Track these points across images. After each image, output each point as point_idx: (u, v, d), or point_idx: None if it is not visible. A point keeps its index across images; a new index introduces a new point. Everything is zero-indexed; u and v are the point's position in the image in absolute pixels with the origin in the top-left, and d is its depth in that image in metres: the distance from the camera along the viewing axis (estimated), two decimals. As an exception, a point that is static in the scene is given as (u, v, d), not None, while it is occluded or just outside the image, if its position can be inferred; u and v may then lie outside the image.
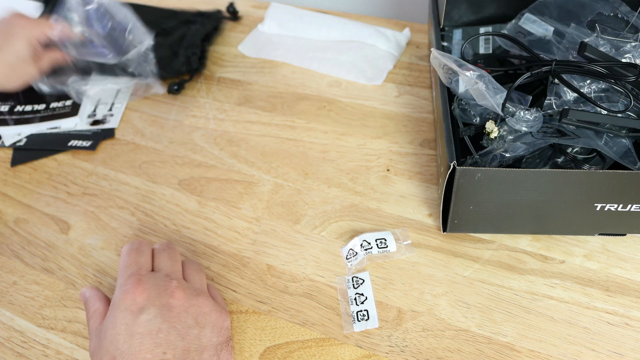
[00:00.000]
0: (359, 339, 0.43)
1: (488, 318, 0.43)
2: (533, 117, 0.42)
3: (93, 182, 0.58)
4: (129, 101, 0.67)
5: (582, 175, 0.40)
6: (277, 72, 0.69)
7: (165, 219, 0.53)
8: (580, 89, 0.43)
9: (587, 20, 0.48)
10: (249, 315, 0.45)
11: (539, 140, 0.42)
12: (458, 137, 0.46)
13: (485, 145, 0.45)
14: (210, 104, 0.66)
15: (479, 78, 0.43)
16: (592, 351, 0.41)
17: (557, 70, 0.44)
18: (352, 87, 0.66)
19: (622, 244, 0.47)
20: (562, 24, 0.51)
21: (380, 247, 0.47)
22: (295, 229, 0.51)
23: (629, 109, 0.42)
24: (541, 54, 0.49)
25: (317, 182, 0.55)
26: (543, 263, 0.46)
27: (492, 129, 0.45)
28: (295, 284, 0.47)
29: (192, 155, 0.59)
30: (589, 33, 0.47)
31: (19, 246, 0.52)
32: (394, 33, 0.71)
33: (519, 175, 0.41)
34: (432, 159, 0.56)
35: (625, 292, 0.44)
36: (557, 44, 0.50)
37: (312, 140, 0.59)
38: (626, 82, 0.42)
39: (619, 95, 0.43)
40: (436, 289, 0.45)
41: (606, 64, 0.43)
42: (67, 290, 0.48)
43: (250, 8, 0.82)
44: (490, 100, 0.43)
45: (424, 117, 0.61)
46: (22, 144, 0.63)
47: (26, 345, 0.45)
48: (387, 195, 0.53)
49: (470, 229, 0.48)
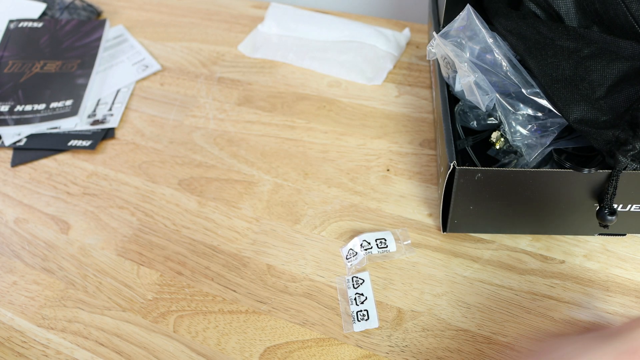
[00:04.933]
0: (359, 339, 0.43)
1: (488, 318, 0.43)
2: (527, 129, 0.43)
3: (93, 182, 0.58)
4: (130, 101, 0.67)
5: (582, 175, 0.40)
6: (277, 72, 0.69)
7: (165, 219, 0.53)
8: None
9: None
10: (249, 315, 0.45)
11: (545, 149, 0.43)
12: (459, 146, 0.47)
13: (498, 158, 0.46)
14: (210, 104, 0.66)
15: (472, 72, 0.43)
16: (592, 351, 0.41)
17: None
18: (352, 87, 0.66)
19: (622, 244, 0.47)
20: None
21: (380, 247, 0.47)
22: (295, 229, 0.51)
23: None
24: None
25: (317, 182, 0.55)
26: (543, 263, 0.46)
27: (498, 138, 0.45)
28: (295, 284, 0.47)
29: (192, 155, 0.59)
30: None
31: (19, 246, 0.52)
32: (394, 33, 0.71)
33: (519, 175, 0.41)
34: (432, 159, 0.56)
35: (625, 292, 0.44)
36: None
37: (312, 140, 0.59)
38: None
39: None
40: (436, 289, 0.45)
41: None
42: (67, 290, 0.48)
43: (250, 8, 0.82)
44: (477, 97, 0.43)
45: (424, 117, 0.61)
46: (22, 144, 0.63)
47: (26, 345, 0.45)
48: (387, 195, 0.53)
49: (470, 229, 0.48)
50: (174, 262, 0.50)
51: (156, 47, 0.75)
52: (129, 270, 0.49)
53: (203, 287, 0.47)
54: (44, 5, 0.83)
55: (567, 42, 0.42)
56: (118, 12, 0.83)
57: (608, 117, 0.39)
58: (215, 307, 0.46)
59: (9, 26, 0.78)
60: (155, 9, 0.83)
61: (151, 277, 0.49)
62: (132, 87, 0.69)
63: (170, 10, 0.83)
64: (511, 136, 0.44)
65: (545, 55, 0.42)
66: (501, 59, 0.44)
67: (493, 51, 0.44)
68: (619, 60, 0.40)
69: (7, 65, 0.72)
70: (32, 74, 0.71)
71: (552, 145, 0.43)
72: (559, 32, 0.42)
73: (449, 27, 0.46)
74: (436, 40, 0.46)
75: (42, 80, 0.70)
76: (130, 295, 0.47)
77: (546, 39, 0.43)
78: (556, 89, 0.41)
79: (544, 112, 0.43)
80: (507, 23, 0.45)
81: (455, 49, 0.45)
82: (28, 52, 0.74)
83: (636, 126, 0.37)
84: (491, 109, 0.45)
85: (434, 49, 0.47)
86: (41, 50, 0.74)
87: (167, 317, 0.46)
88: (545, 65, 0.42)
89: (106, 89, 0.69)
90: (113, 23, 0.81)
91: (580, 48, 0.41)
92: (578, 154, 0.43)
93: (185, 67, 0.72)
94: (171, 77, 0.70)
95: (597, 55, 0.41)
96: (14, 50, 0.74)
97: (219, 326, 0.45)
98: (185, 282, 0.48)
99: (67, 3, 0.82)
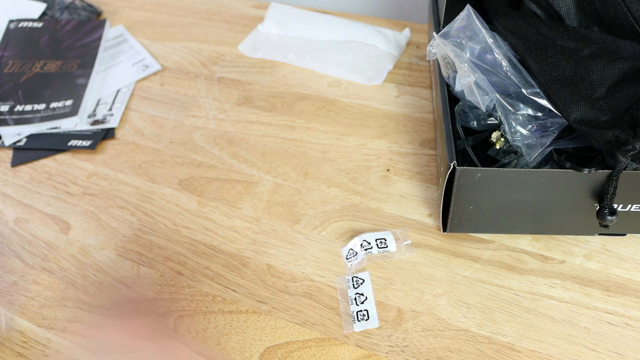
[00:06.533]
0: (359, 339, 0.43)
1: (488, 318, 0.43)
2: (527, 129, 0.43)
3: (93, 182, 0.58)
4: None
5: (582, 175, 0.40)
6: (277, 72, 0.69)
7: (165, 219, 0.53)
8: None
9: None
10: (249, 315, 0.45)
11: (545, 150, 0.42)
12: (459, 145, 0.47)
13: (498, 158, 0.45)
14: (210, 104, 0.66)
15: (472, 73, 0.43)
16: (592, 351, 0.41)
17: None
18: (352, 87, 0.66)
19: (622, 244, 0.47)
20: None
21: (380, 247, 0.47)
22: (295, 229, 0.51)
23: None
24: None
25: (317, 182, 0.55)
26: (543, 263, 0.46)
27: (498, 138, 0.45)
28: (295, 284, 0.47)
29: (192, 155, 0.59)
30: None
31: (19, 246, 0.52)
32: (394, 33, 0.71)
33: (519, 175, 0.41)
34: (432, 159, 0.56)
35: (625, 292, 0.44)
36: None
37: (312, 140, 0.59)
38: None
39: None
40: (436, 289, 0.45)
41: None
42: (67, 290, 0.48)
43: (250, 8, 0.82)
44: (477, 97, 0.43)
45: (424, 117, 0.61)
46: (22, 144, 0.63)
47: (26, 345, 0.45)
48: (387, 195, 0.53)
49: (470, 229, 0.48)
50: (174, 262, 0.50)
51: (156, 47, 0.75)
52: (129, 270, 0.49)
53: (203, 287, 0.47)
54: (44, 5, 0.83)
55: (568, 42, 0.42)
56: (118, 12, 0.83)
57: (608, 117, 0.39)
58: (216, 307, 0.46)
59: (9, 26, 0.78)
60: (155, 9, 0.83)
61: (151, 277, 0.49)
62: (132, 87, 0.69)
63: (170, 10, 0.83)
64: (511, 136, 0.44)
65: (545, 55, 0.42)
66: (501, 59, 0.44)
67: (493, 51, 0.44)
68: (619, 60, 0.40)
69: (7, 65, 0.72)
70: (32, 74, 0.71)
71: (552, 145, 0.43)
72: (559, 32, 0.42)
73: (449, 27, 0.46)
74: (436, 41, 0.46)
75: (42, 80, 0.70)
76: (130, 296, 0.47)
77: (546, 38, 0.43)
78: (556, 88, 0.41)
79: (544, 112, 0.43)
80: (507, 23, 0.45)
81: (455, 49, 0.45)
82: (28, 52, 0.74)
83: (636, 126, 0.37)
84: (491, 109, 0.45)
85: (434, 49, 0.47)
86: (41, 50, 0.74)
87: (167, 317, 0.46)
88: (545, 65, 0.42)
89: (106, 89, 0.69)
90: (113, 23, 0.81)
91: (581, 48, 0.41)
92: (578, 154, 0.43)
93: (185, 67, 0.72)
94: (171, 77, 0.70)
95: (598, 55, 0.41)
96: (14, 50, 0.74)
97: (219, 326, 0.45)
98: (185, 282, 0.48)
99: (67, 3, 0.82)
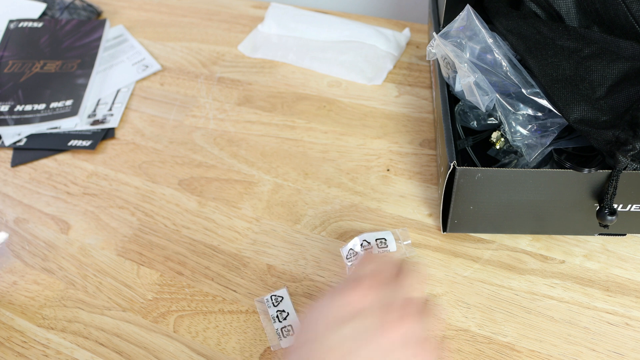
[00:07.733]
0: (359, 339, 0.43)
1: (488, 318, 0.43)
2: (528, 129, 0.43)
3: (93, 182, 0.58)
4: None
5: (582, 175, 0.40)
6: (277, 72, 0.69)
7: (165, 219, 0.53)
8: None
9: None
10: (249, 315, 0.45)
11: (545, 149, 0.42)
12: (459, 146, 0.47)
13: (498, 158, 0.45)
14: (210, 104, 0.66)
15: (472, 73, 0.43)
16: (592, 351, 0.41)
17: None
18: (352, 87, 0.66)
19: (622, 244, 0.47)
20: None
21: (380, 247, 0.47)
22: (295, 229, 0.51)
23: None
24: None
25: (317, 182, 0.55)
26: (543, 263, 0.46)
27: (498, 138, 0.45)
28: (295, 284, 0.47)
29: (192, 155, 0.59)
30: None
31: (19, 246, 0.52)
32: (394, 33, 0.71)
33: (519, 175, 0.41)
34: (432, 159, 0.56)
35: (625, 292, 0.44)
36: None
37: (312, 140, 0.59)
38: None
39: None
40: (436, 289, 0.45)
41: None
42: (67, 290, 0.48)
43: (250, 8, 0.82)
44: (477, 97, 0.43)
45: (424, 117, 0.61)
46: (22, 144, 0.63)
47: (26, 345, 0.45)
48: (387, 195, 0.53)
49: (470, 229, 0.48)
50: (174, 262, 0.50)
51: (156, 47, 0.75)
52: (129, 270, 0.49)
53: (203, 287, 0.47)
54: (44, 5, 0.83)
55: (568, 42, 0.42)
56: (118, 12, 0.83)
57: (608, 117, 0.39)
58: (216, 307, 0.46)
59: (9, 26, 0.78)
60: (155, 9, 0.83)
61: (151, 277, 0.49)
62: (132, 87, 0.69)
63: (170, 10, 0.83)
64: (511, 136, 0.44)
65: (545, 55, 0.42)
66: (501, 59, 0.44)
67: (493, 51, 0.44)
68: (620, 61, 0.40)
69: (7, 65, 0.72)
70: (32, 74, 0.71)
71: (552, 145, 0.43)
72: (559, 32, 0.42)
73: (449, 27, 0.46)
74: (436, 41, 0.46)
75: (42, 80, 0.70)
76: (130, 295, 0.47)
77: (547, 38, 0.43)
78: (556, 89, 0.41)
79: (544, 112, 0.43)
80: (508, 23, 0.45)
81: (455, 49, 0.45)
82: (28, 52, 0.74)
83: (636, 126, 0.37)
84: (491, 109, 0.45)
85: (434, 49, 0.47)
86: (41, 50, 0.74)
87: (167, 317, 0.46)
88: (545, 65, 0.42)
89: (106, 89, 0.69)
90: (113, 23, 0.81)
91: (581, 48, 0.41)
92: (578, 154, 0.43)
93: (185, 67, 0.72)
94: (171, 77, 0.70)
95: (598, 55, 0.41)
96: (14, 50, 0.74)
97: (219, 326, 0.45)
98: (186, 282, 0.48)
99: (67, 3, 0.82)
